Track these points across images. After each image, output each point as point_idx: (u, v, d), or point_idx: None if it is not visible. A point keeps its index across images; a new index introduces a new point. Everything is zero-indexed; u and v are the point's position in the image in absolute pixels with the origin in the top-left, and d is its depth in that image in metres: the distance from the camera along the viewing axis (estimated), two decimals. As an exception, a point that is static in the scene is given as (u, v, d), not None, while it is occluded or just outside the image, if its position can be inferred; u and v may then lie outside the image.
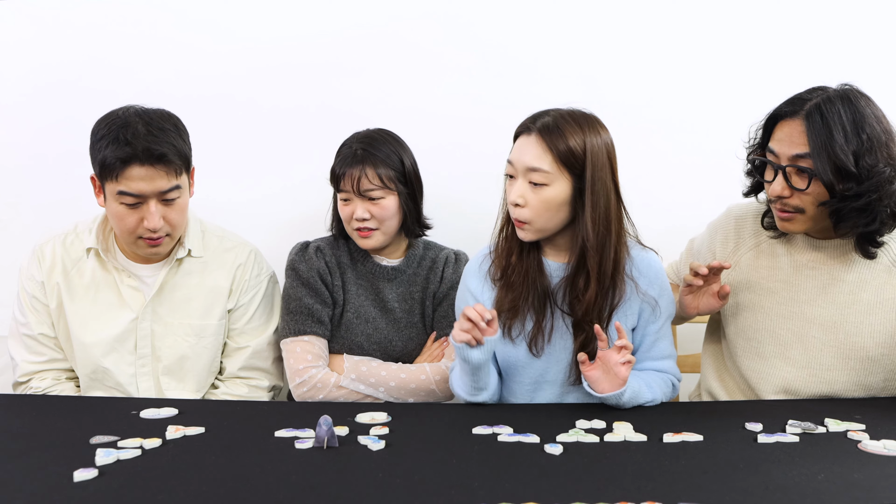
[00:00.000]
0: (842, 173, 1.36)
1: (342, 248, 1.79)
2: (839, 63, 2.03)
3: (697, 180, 2.09)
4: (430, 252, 1.84)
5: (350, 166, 1.68)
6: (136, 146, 1.51)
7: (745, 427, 1.32)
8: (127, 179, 1.52)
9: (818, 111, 1.38)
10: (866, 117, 1.38)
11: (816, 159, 1.37)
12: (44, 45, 2.14)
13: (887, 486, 1.06)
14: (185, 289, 1.70)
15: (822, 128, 1.37)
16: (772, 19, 2.08)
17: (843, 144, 1.35)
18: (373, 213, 1.69)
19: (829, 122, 1.37)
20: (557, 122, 1.44)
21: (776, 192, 1.44)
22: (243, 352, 1.73)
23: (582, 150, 1.42)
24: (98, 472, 1.12)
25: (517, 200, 1.44)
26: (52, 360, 1.70)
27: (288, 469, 1.15)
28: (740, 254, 1.63)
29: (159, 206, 1.57)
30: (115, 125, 1.54)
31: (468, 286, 1.59)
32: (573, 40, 2.10)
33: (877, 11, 2.07)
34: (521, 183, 1.44)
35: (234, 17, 2.12)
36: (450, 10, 2.10)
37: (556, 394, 1.56)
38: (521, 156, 1.44)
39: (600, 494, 1.03)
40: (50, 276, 1.68)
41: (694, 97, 2.10)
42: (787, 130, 1.43)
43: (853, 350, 1.50)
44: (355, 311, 1.75)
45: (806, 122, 1.39)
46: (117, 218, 1.58)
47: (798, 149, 1.40)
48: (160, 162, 1.53)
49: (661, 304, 1.54)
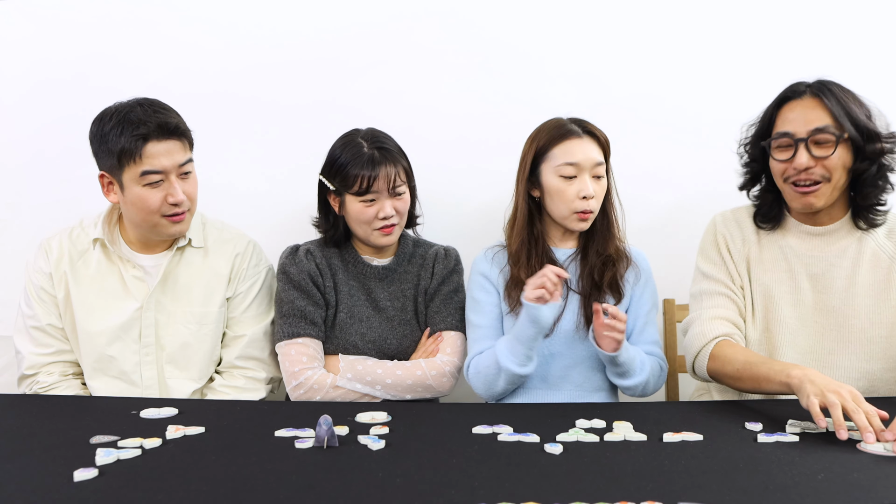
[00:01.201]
0: (866, 134, 1.49)
1: (332, 251, 1.80)
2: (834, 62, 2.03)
3: (697, 179, 2.09)
4: (420, 249, 1.85)
5: (379, 166, 1.68)
6: (150, 124, 1.59)
7: (745, 427, 1.33)
8: (149, 157, 1.59)
9: (826, 87, 1.51)
10: (857, 96, 1.53)
11: (845, 122, 1.48)
12: (43, 44, 2.14)
13: (887, 486, 1.06)
14: (187, 277, 1.73)
15: (837, 98, 1.50)
16: (764, 17, 2.08)
17: (857, 111, 1.50)
18: (397, 208, 1.72)
19: (837, 93, 1.50)
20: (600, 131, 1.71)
21: (802, 164, 1.50)
22: (240, 341, 1.75)
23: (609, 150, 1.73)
24: (98, 472, 1.12)
25: (590, 193, 1.65)
26: (59, 352, 1.72)
27: (288, 469, 1.15)
28: (747, 249, 1.66)
29: (179, 181, 1.63)
30: (118, 116, 1.60)
31: (480, 271, 1.74)
32: (575, 38, 2.10)
33: (872, 10, 2.07)
34: (588, 179, 1.66)
35: (236, 15, 2.12)
36: (452, 7, 2.10)
37: (563, 366, 1.69)
38: (587, 155, 1.66)
39: (600, 494, 1.03)
40: (57, 267, 1.71)
41: (694, 97, 2.10)
42: (798, 110, 1.52)
43: (852, 332, 1.55)
44: (348, 312, 1.76)
45: (820, 95, 1.50)
46: (140, 201, 1.62)
47: (817, 122, 1.50)
48: (174, 134, 1.62)
49: (648, 291, 1.74)
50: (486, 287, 1.72)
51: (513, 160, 1.77)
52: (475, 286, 1.73)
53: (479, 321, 1.70)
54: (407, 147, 1.79)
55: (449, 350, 1.75)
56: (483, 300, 1.71)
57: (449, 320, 1.78)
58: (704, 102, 2.09)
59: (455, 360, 1.74)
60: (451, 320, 1.78)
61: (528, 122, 1.77)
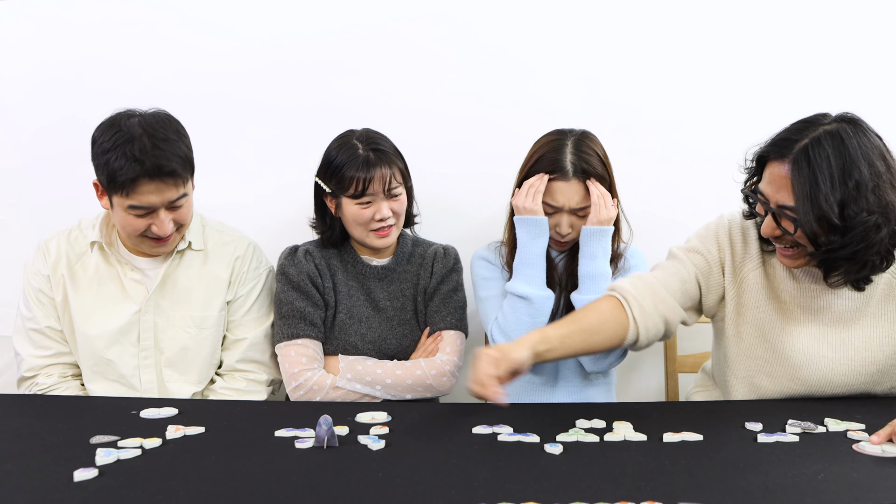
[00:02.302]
0: (826, 225, 1.31)
1: (330, 251, 1.80)
2: (836, 67, 2.04)
3: (695, 180, 2.09)
4: (419, 248, 1.85)
5: (375, 168, 1.68)
6: (146, 163, 1.53)
7: (745, 427, 1.32)
8: (137, 195, 1.55)
9: (805, 157, 1.32)
10: (855, 161, 1.31)
11: (800, 210, 1.32)
12: (43, 45, 2.14)
13: (887, 486, 1.06)
14: (186, 281, 1.72)
15: (807, 176, 1.31)
16: (770, 22, 2.08)
17: (827, 194, 1.30)
18: (394, 210, 1.72)
19: (815, 169, 1.31)
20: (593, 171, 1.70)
21: (767, 232, 1.41)
22: (241, 344, 1.74)
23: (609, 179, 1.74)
24: (98, 472, 1.12)
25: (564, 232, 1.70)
26: (58, 354, 1.71)
27: (288, 469, 1.15)
28: (747, 269, 1.55)
29: (168, 214, 1.60)
30: (120, 139, 1.54)
31: (481, 256, 1.80)
32: (572, 40, 2.10)
33: (873, 18, 2.06)
34: (566, 217, 1.70)
35: (235, 17, 2.12)
36: (449, 9, 2.10)
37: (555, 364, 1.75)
38: (567, 199, 1.68)
39: (600, 494, 1.03)
40: (55, 270, 1.70)
41: (692, 98, 2.10)
42: (774, 174, 1.38)
43: (864, 365, 1.47)
44: (348, 312, 1.76)
45: (792, 169, 1.33)
46: (126, 224, 1.61)
47: (783, 198, 1.36)
48: (170, 176, 1.56)
49: None
50: (491, 268, 1.79)
51: (509, 163, 1.77)
52: (479, 269, 1.79)
53: (489, 293, 1.76)
54: (404, 150, 1.79)
55: (448, 349, 1.75)
56: (490, 276, 1.78)
57: (448, 319, 1.78)
58: (707, 106, 2.09)
59: (455, 360, 1.74)
60: (451, 319, 1.78)
61: (526, 126, 1.77)
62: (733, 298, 1.55)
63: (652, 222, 2.07)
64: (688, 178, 2.10)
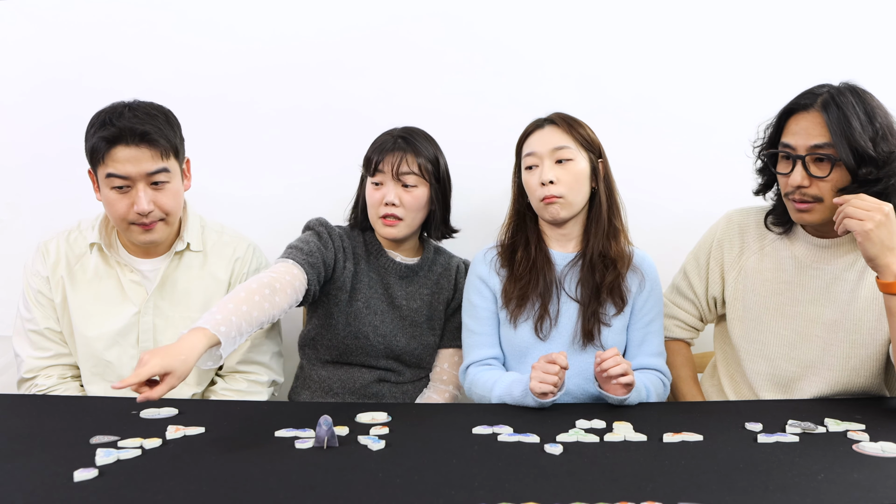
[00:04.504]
0: (863, 158, 1.41)
1: (358, 238, 1.79)
2: (839, 61, 2.04)
3: (698, 179, 2.09)
4: (441, 257, 1.85)
5: (390, 151, 1.70)
6: (120, 125, 1.55)
7: (745, 427, 1.33)
8: (113, 161, 1.56)
9: (833, 102, 1.44)
10: (875, 108, 1.45)
11: (839, 145, 1.42)
12: (43, 45, 2.14)
13: (887, 487, 1.06)
14: (186, 282, 1.72)
15: (839, 116, 1.42)
16: (772, 18, 2.08)
17: (860, 131, 1.41)
18: (403, 200, 1.70)
19: (845, 111, 1.43)
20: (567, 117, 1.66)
21: (796, 181, 1.47)
22: (242, 345, 1.74)
23: (592, 138, 1.66)
24: (98, 472, 1.12)
25: (547, 178, 1.59)
26: (57, 356, 1.71)
27: (288, 469, 1.15)
28: (745, 258, 1.64)
29: (148, 190, 1.60)
30: (103, 114, 1.59)
31: (478, 273, 1.70)
32: (575, 39, 2.10)
33: (877, 9, 2.07)
34: (549, 165, 1.61)
35: (235, 17, 2.12)
36: (451, 9, 2.10)
37: None
38: (543, 141, 1.63)
39: (600, 494, 1.03)
40: (54, 271, 1.70)
41: (694, 96, 2.10)
42: (803, 123, 1.47)
43: (853, 348, 1.52)
44: (365, 302, 1.75)
45: (823, 112, 1.44)
46: (109, 204, 1.61)
47: (817, 139, 1.44)
48: (144, 141, 1.56)
49: (652, 300, 1.66)
50: (483, 292, 1.68)
51: (511, 161, 1.77)
52: (472, 289, 1.70)
53: (476, 328, 1.67)
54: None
55: (446, 377, 1.82)
56: (480, 305, 1.67)
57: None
58: (711, 103, 2.09)
59: (454, 381, 1.82)
60: None
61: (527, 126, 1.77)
62: (734, 288, 1.65)
63: (653, 217, 2.07)
64: (689, 172, 2.10)
